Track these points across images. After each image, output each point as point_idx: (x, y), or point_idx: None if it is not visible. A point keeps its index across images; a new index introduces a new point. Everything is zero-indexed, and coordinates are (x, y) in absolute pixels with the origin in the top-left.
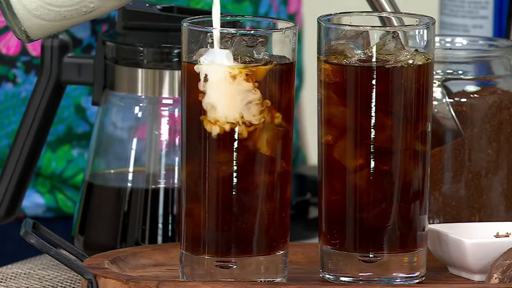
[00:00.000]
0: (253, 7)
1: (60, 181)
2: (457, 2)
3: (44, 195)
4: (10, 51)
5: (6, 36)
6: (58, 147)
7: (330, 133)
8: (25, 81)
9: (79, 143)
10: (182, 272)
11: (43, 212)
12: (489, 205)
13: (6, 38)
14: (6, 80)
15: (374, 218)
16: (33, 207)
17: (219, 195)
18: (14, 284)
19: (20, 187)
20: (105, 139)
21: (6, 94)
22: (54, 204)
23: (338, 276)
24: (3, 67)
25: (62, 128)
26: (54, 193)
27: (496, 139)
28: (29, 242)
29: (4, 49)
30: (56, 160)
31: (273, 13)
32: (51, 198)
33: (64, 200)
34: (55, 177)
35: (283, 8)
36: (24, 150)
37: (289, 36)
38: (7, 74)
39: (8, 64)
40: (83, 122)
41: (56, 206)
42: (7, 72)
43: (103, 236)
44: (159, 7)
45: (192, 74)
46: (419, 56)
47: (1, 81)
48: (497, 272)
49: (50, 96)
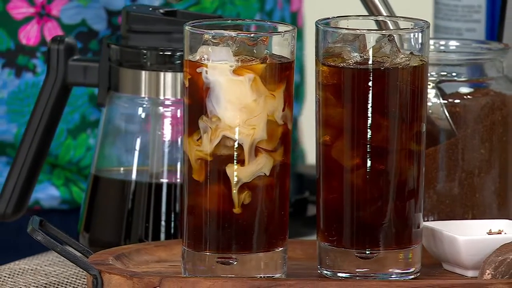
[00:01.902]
0: (260, 3)
1: (76, 172)
2: (451, 6)
3: (59, 187)
4: (30, 41)
5: (27, 27)
6: (78, 135)
7: (327, 133)
8: (44, 71)
9: (93, 132)
10: (184, 268)
11: (58, 204)
12: (482, 203)
13: (26, 29)
14: (26, 70)
15: (371, 215)
16: (49, 199)
17: (220, 193)
18: (22, 280)
19: (28, 185)
20: (109, 139)
21: (26, 83)
22: (69, 196)
23: (335, 272)
24: (23, 57)
25: (77, 116)
26: (69, 186)
27: (489, 139)
28: (36, 239)
29: (24, 40)
30: (74, 149)
31: (277, 10)
32: (66, 190)
33: (78, 193)
34: (72, 166)
35: (286, 5)
36: (31, 149)
37: (288, 39)
38: (27, 64)
39: (28, 54)
40: (95, 110)
41: (71, 199)
42: (27, 62)
43: (107, 233)
44: (162, 11)
45: (193, 72)
46: (414, 58)
47: (22, 71)
48: (490, 268)
49: (57, 97)
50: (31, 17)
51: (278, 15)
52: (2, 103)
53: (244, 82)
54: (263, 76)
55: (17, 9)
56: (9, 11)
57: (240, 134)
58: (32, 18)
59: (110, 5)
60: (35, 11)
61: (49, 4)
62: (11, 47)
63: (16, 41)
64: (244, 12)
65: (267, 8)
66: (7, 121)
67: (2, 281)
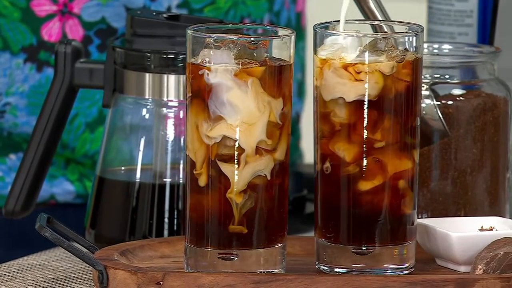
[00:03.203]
0: (269, 3)
1: (90, 166)
2: (444, 11)
3: (73, 182)
4: (52, 38)
5: (49, 24)
6: (96, 128)
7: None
8: None
9: None
10: (187, 264)
11: (73, 198)
12: (474, 201)
13: (49, 26)
14: (47, 65)
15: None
16: (64, 194)
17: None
18: (30, 275)
19: (36, 183)
20: (115, 139)
21: (47, 78)
22: (83, 191)
23: (332, 267)
24: (44, 52)
25: (95, 110)
26: (83, 181)
27: (480, 139)
28: (44, 236)
29: (46, 36)
30: (91, 142)
31: (285, 10)
32: (80, 185)
33: None
34: (87, 159)
35: (292, 6)
36: (39, 149)
37: (287, 43)
38: (48, 59)
39: (50, 50)
40: None
41: (85, 193)
42: (48, 57)
43: (112, 230)
44: (165, 16)
45: (195, 74)
46: (410, 54)
47: (43, 66)
48: (482, 263)
49: (64, 99)
50: (53, 15)
51: (285, 15)
52: (23, 96)
53: (245, 84)
54: (263, 78)
55: (40, 7)
56: (32, 8)
57: (240, 134)
58: (55, 15)
59: (130, 3)
60: (57, 9)
61: (71, 2)
62: (33, 43)
63: (39, 37)
64: (255, 12)
65: (275, 8)
66: (27, 114)
67: (11, 276)
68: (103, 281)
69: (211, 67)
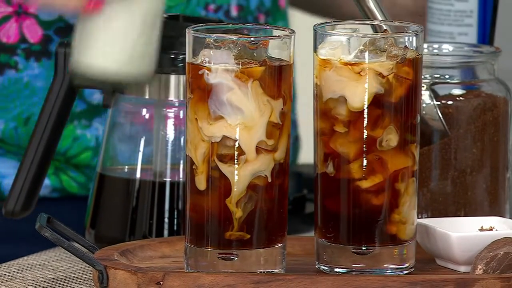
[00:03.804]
0: None
1: (64, 162)
2: (443, 11)
3: (49, 176)
4: (10, 39)
5: (6, 26)
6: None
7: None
8: (26, 67)
9: (80, 123)
10: (187, 264)
11: (49, 192)
12: (474, 201)
13: (6, 28)
14: (8, 67)
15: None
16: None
17: (221, 192)
18: (30, 275)
19: (36, 184)
20: (115, 139)
21: (9, 80)
22: (59, 185)
23: (332, 267)
24: (4, 55)
25: None
26: (59, 174)
27: (480, 139)
28: (44, 236)
29: (4, 38)
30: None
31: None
32: (56, 179)
33: (68, 181)
34: (59, 156)
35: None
36: (39, 149)
37: (287, 43)
38: (8, 61)
39: (9, 52)
40: (78, 102)
41: (61, 187)
42: (8, 59)
43: (112, 229)
44: (166, 15)
45: (195, 74)
46: (410, 51)
47: (4, 68)
48: (481, 263)
49: (63, 99)
50: (9, 16)
51: None
52: None
53: (244, 84)
54: (262, 78)
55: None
56: None
57: (240, 134)
58: (10, 17)
59: None
60: (12, 10)
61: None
62: None
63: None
64: None
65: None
66: None
67: (11, 276)
68: (103, 281)
69: (211, 67)
